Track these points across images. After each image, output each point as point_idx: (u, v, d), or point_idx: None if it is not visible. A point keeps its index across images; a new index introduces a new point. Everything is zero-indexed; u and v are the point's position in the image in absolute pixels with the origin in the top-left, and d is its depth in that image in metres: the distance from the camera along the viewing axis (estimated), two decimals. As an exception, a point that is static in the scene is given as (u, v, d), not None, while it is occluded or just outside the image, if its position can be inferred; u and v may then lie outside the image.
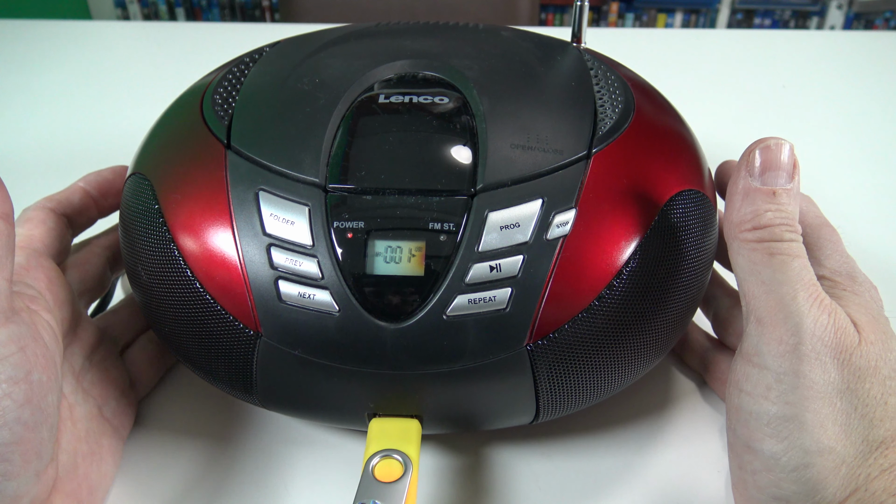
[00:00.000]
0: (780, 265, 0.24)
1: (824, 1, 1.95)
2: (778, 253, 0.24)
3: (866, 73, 0.66)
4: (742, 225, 0.24)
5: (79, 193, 0.31)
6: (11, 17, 0.80)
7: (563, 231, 0.24)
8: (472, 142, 0.26)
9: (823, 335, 0.23)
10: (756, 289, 0.24)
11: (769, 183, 0.24)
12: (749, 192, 0.24)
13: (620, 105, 0.29)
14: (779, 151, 0.24)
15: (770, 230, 0.24)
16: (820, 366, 0.23)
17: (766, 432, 0.24)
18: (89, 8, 1.91)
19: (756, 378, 0.24)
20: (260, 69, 0.31)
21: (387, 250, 0.24)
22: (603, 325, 0.25)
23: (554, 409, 0.27)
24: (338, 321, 0.24)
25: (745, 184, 0.25)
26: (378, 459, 0.25)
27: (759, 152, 0.24)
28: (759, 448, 0.24)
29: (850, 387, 0.23)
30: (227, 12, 2.03)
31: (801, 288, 0.23)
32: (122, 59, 0.71)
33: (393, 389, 0.25)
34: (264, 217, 0.25)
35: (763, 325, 0.24)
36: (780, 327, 0.23)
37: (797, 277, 0.23)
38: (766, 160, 0.24)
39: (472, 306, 0.24)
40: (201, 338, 0.26)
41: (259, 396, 0.27)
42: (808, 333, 0.23)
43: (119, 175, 0.32)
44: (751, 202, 0.24)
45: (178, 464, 0.30)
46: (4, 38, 0.73)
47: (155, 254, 0.27)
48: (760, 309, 0.24)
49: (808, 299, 0.23)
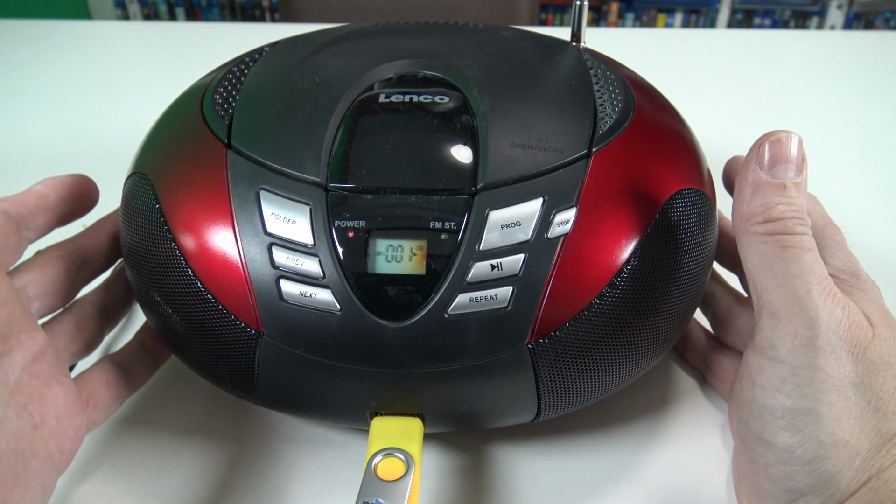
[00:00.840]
0: (793, 258, 0.24)
1: (824, 1, 1.95)
2: (790, 246, 0.24)
3: (866, 73, 0.66)
4: (753, 218, 0.24)
5: (34, 196, 0.29)
6: (11, 17, 0.80)
7: (563, 230, 0.24)
8: (473, 141, 0.26)
9: (839, 329, 0.23)
10: (769, 282, 0.24)
11: (779, 176, 0.24)
12: (759, 186, 0.24)
13: (620, 104, 0.29)
14: (788, 144, 0.24)
15: (782, 223, 0.24)
16: (835, 359, 0.23)
17: (781, 425, 0.24)
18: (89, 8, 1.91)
19: (770, 371, 0.24)
20: (260, 69, 0.31)
21: (388, 249, 0.24)
22: (604, 324, 0.25)
23: (555, 408, 0.27)
24: (339, 320, 0.24)
25: (755, 177, 0.25)
26: (380, 458, 0.25)
27: (769, 145, 0.24)
28: (774, 441, 0.24)
29: (864, 380, 0.23)
30: (227, 12, 2.03)
31: (815, 281, 0.23)
32: (122, 59, 0.71)
33: (395, 388, 0.25)
34: (265, 216, 0.25)
35: (777, 318, 0.24)
36: (795, 321, 0.24)
37: (810, 270, 0.24)
38: (776, 153, 0.24)
39: (474, 305, 0.24)
40: (203, 338, 0.26)
41: (261, 396, 0.27)
42: (824, 327, 0.23)
43: (77, 180, 0.30)
44: (761, 195, 0.24)
45: (180, 463, 0.30)
46: (4, 38, 0.73)
47: (156, 253, 0.27)
48: (774, 302, 0.24)
49: (822, 293, 0.23)
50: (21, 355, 0.26)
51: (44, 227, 0.29)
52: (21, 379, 0.26)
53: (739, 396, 0.26)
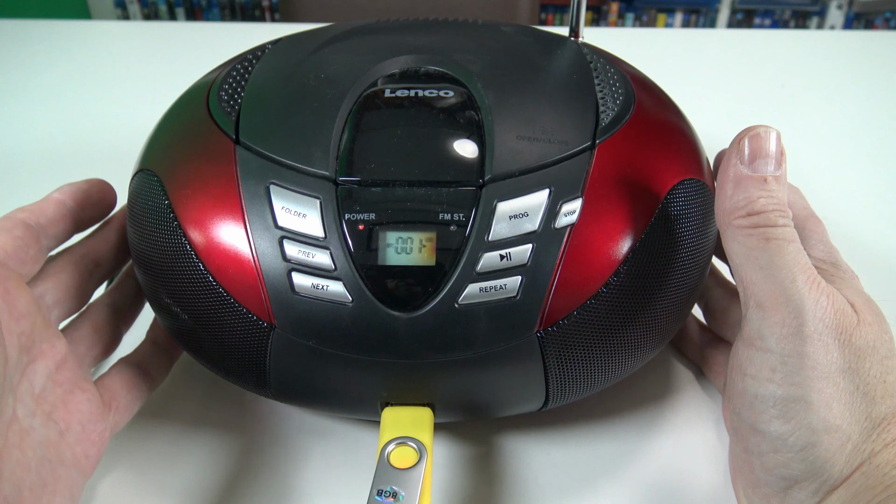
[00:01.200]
0: (776, 250, 0.24)
1: (824, 1, 1.95)
2: (773, 238, 0.24)
3: (866, 73, 0.66)
4: (736, 212, 0.25)
5: (53, 204, 0.29)
6: (11, 17, 0.80)
7: (570, 220, 0.25)
8: (479, 134, 0.26)
9: (824, 316, 0.24)
10: (754, 274, 0.25)
11: (759, 170, 0.25)
12: (741, 180, 0.25)
13: (621, 97, 0.29)
14: (767, 139, 0.25)
15: (764, 216, 0.24)
16: (823, 346, 0.23)
17: (773, 413, 0.24)
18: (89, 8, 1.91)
19: (760, 361, 0.25)
20: (265, 65, 0.32)
21: (398, 241, 0.24)
22: (611, 311, 0.25)
23: (563, 395, 0.27)
24: (351, 311, 0.24)
25: (737, 171, 0.25)
26: (393, 447, 0.25)
27: (749, 140, 0.25)
28: (766, 430, 0.24)
29: (852, 366, 0.23)
30: (227, 12, 2.03)
31: (799, 271, 0.24)
32: (122, 59, 0.71)
33: (406, 378, 0.26)
34: (276, 210, 0.25)
35: (764, 309, 0.24)
36: (782, 310, 0.24)
37: (794, 261, 0.24)
38: (756, 148, 0.25)
39: (484, 294, 0.24)
40: (214, 332, 0.26)
41: (272, 389, 0.27)
42: (810, 315, 0.23)
43: (95, 186, 0.30)
44: (743, 189, 0.25)
45: (191, 455, 0.30)
46: (4, 38, 0.73)
47: (166, 249, 0.27)
48: (760, 294, 0.25)
49: (806, 282, 0.24)
50: (44, 364, 0.26)
51: (62, 235, 0.29)
52: (46, 387, 0.26)
53: (731, 388, 0.27)
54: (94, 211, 0.30)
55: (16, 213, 0.28)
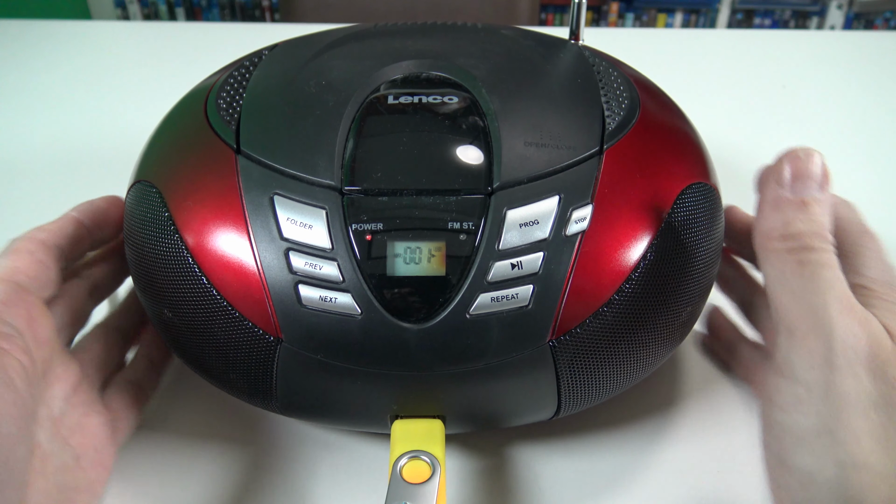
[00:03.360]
0: (810, 275, 0.23)
1: (824, 1, 1.95)
2: (808, 263, 0.23)
3: (866, 73, 0.66)
4: (771, 234, 0.24)
5: (72, 224, 0.28)
6: (11, 17, 0.80)
7: (581, 227, 0.24)
8: (486, 140, 0.26)
9: (856, 345, 0.22)
10: (786, 298, 0.24)
11: (799, 192, 0.24)
12: (779, 202, 0.24)
13: (626, 101, 0.29)
14: (808, 161, 0.24)
15: (800, 239, 0.24)
16: (853, 377, 0.22)
17: (800, 446, 0.23)
18: (89, 8, 1.91)
19: (788, 390, 0.24)
20: (263, 72, 0.31)
21: (406, 251, 0.24)
22: (624, 318, 0.25)
23: (575, 404, 0.27)
24: (360, 324, 0.24)
25: (775, 194, 0.24)
26: (405, 461, 0.24)
27: (788, 162, 0.24)
28: (793, 464, 0.23)
29: (886, 399, 0.22)
30: (227, 12, 2.03)
31: (833, 298, 0.23)
32: (122, 59, 0.71)
33: (417, 390, 0.25)
34: (281, 221, 0.25)
35: (793, 335, 0.23)
36: (811, 338, 0.23)
37: (828, 287, 0.23)
38: (795, 170, 0.24)
39: (495, 304, 0.24)
40: (219, 347, 0.26)
41: (279, 403, 0.27)
42: (840, 343, 0.22)
43: (112, 204, 0.30)
44: (780, 212, 0.24)
45: (196, 469, 0.30)
46: (4, 38, 0.73)
47: (168, 262, 0.26)
48: (790, 319, 0.24)
49: (839, 309, 0.23)
50: (61, 388, 0.26)
51: (79, 256, 0.29)
52: (64, 411, 0.26)
53: (762, 419, 0.25)
54: (109, 230, 0.30)
55: (36, 233, 0.27)
